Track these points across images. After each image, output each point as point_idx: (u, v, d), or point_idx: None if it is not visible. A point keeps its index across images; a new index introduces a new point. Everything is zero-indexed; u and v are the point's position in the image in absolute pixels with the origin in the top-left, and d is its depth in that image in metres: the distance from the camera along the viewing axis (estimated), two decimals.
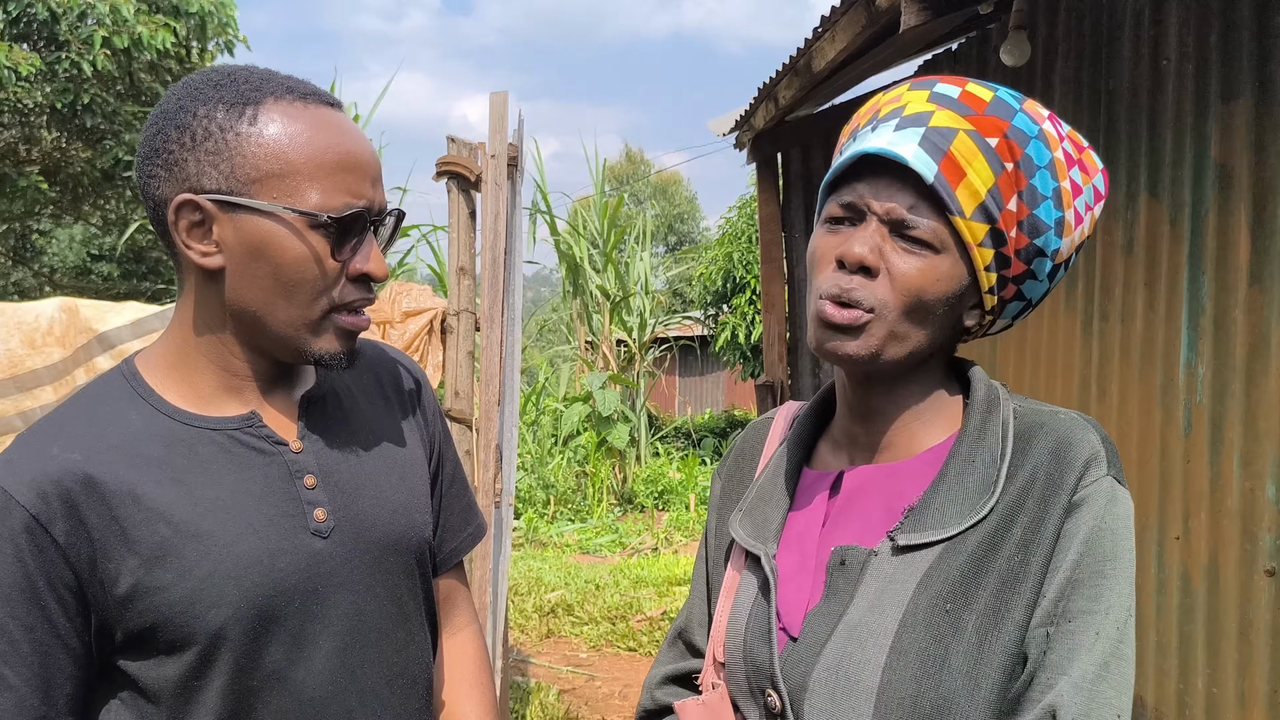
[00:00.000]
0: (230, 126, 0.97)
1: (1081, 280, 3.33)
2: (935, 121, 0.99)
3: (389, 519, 1.12)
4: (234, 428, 1.04)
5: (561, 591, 7.18)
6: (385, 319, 4.87)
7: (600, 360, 12.04)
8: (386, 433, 1.17)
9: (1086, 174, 1.03)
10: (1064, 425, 1.01)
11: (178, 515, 0.98)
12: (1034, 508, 0.97)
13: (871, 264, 0.99)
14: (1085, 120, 3.32)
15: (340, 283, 1.02)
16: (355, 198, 1.00)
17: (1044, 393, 3.53)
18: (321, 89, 1.05)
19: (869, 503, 1.06)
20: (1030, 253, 1.02)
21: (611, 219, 12.24)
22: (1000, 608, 0.95)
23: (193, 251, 1.00)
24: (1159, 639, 2.91)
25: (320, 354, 1.04)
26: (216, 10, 10.13)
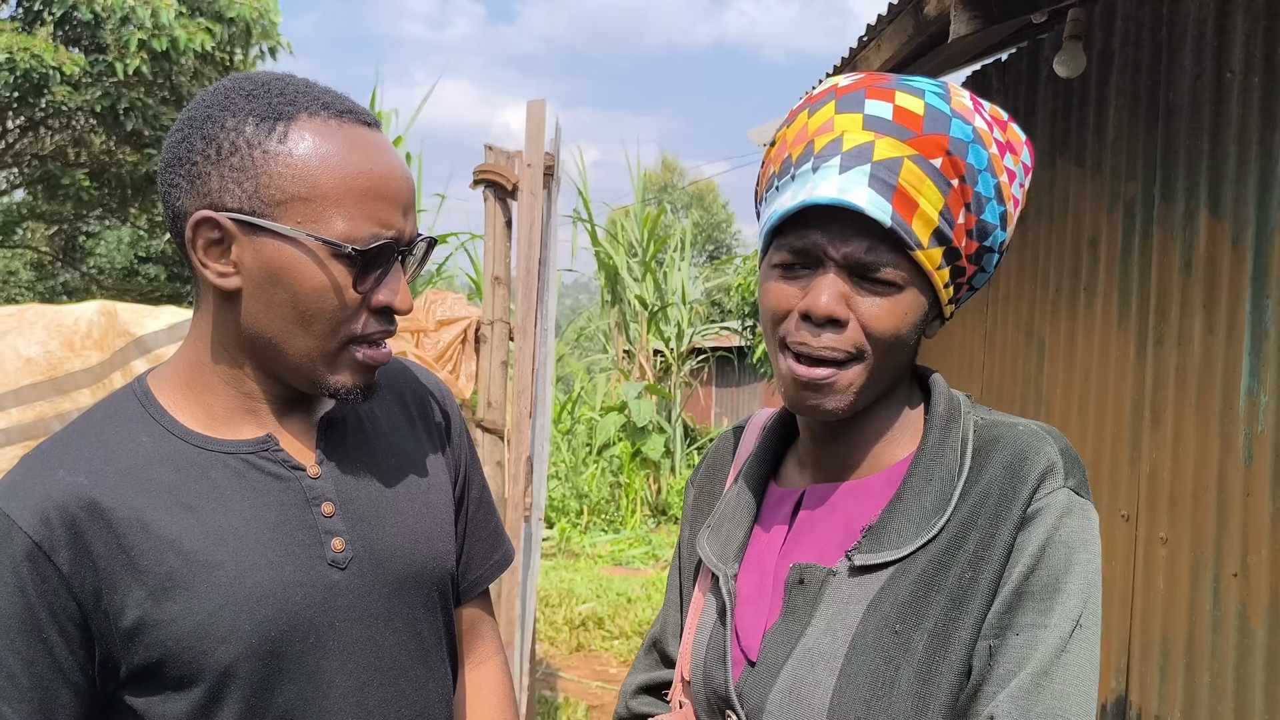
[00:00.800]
0: (259, 143, 0.92)
1: (1136, 301, 3.20)
2: (879, 154, 0.94)
3: (410, 548, 1.07)
4: (249, 451, 1.00)
5: (593, 604, 7.12)
6: (419, 327, 4.84)
7: (636, 370, 11.97)
8: (410, 457, 1.12)
9: (1015, 153, 1.00)
10: (1021, 438, 0.99)
11: (188, 544, 0.93)
12: (986, 523, 0.95)
13: (840, 316, 0.96)
14: (1142, 135, 3.20)
15: (361, 315, 0.98)
16: (384, 228, 0.95)
17: (1094, 418, 3.40)
18: (359, 106, 1.00)
19: (830, 521, 1.04)
20: (980, 253, 1.00)
21: (651, 229, 12.18)
22: (950, 626, 0.93)
23: (209, 270, 0.95)
24: (1213, 680, 2.77)
25: (336, 387, 0.99)
26: (259, 16, 10.21)
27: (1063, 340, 3.62)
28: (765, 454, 1.14)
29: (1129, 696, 3.17)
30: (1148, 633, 3.08)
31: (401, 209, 0.97)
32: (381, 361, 1.01)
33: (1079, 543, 0.93)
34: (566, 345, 17.52)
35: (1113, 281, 3.33)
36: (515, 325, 4.41)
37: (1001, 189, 0.97)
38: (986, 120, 0.98)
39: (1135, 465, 3.16)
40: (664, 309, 12.19)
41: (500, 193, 4.74)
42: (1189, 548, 2.89)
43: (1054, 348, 3.69)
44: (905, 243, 0.94)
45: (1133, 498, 3.17)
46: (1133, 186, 3.24)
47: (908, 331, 0.98)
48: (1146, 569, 3.10)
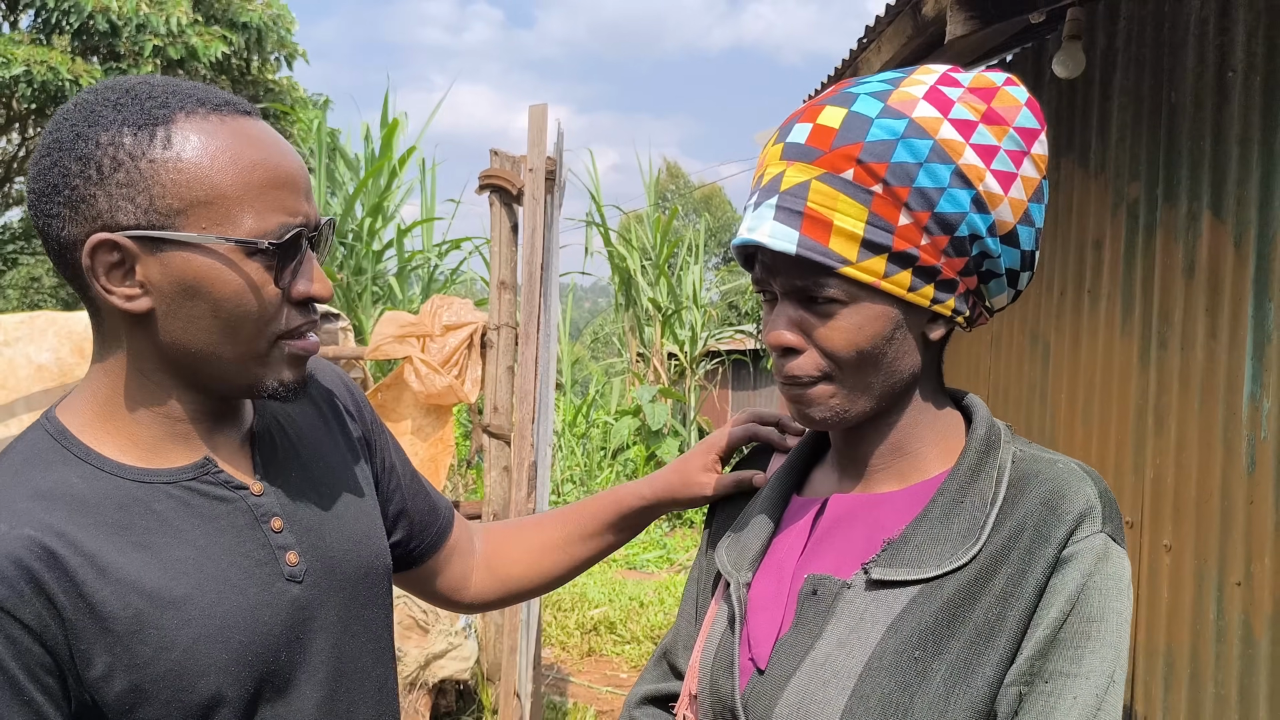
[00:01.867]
0: (142, 153, 0.87)
1: (1139, 304, 3.15)
2: (786, 183, 0.95)
3: (355, 551, 1.07)
4: (189, 477, 0.96)
5: (605, 608, 7.10)
6: (425, 332, 4.85)
7: (651, 373, 11.95)
8: (333, 456, 1.11)
9: (1000, 124, 0.94)
10: (1060, 475, 0.96)
11: (149, 584, 0.90)
12: (1018, 560, 0.92)
13: (791, 344, 0.98)
14: (1145, 135, 3.15)
15: (284, 310, 0.94)
16: (291, 216, 0.92)
17: (1098, 423, 3.35)
18: (234, 96, 0.96)
19: (851, 532, 1.02)
20: (959, 244, 0.95)
21: (663, 232, 12.16)
22: (972, 660, 0.90)
23: (115, 296, 0.90)
24: (1218, 691, 2.72)
25: (273, 387, 0.96)
26: (274, 24, 10.27)
27: (1067, 343, 3.57)
28: (793, 466, 1.14)
29: (1134, 707, 3.12)
30: (1152, 642, 3.03)
31: (303, 194, 0.95)
32: (311, 351, 0.99)
33: (1114, 591, 0.91)
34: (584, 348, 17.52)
35: (1116, 284, 3.28)
36: (519, 329, 4.40)
37: (964, 172, 0.92)
38: (942, 105, 0.93)
39: (1139, 471, 3.11)
40: (678, 312, 12.16)
41: (506, 198, 4.73)
42: (1193, 556, 2.84)
43: (1059, 351, 3.64)
44: (826, 265, 0.93)
45: (1137, 504, 3.12)
46: (1136, 188, 3.20)
47: (873, 344, 0.96)
48: (1151, 577, 3.05)
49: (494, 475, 4.52)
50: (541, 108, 4.35)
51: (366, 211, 9.45)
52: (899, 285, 0.94)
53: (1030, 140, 0.96)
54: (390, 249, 9.88)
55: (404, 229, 9.92)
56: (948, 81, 0.96)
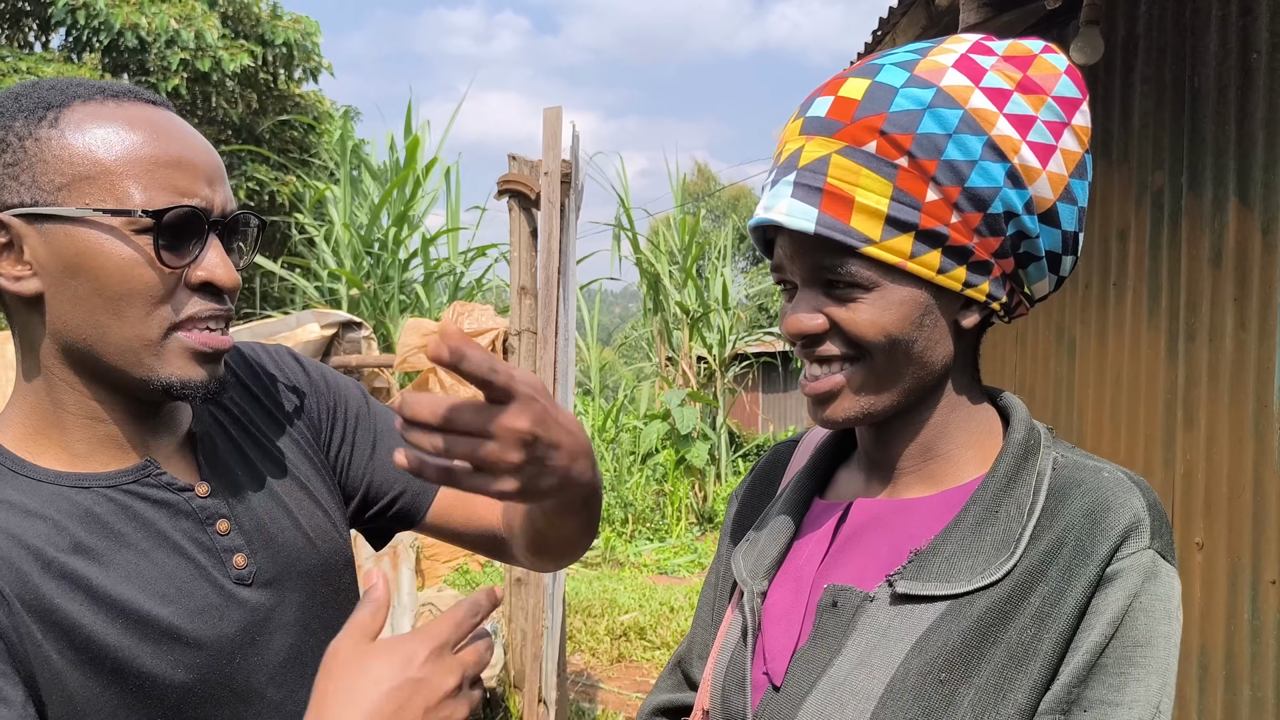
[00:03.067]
0: (29, 133, 0.86)
1: (1165, 296, 3.07)
2: (806, 158, 0.89)
3: (309, 546, 1.03)
4: (130, 481, 0.93)
5: (635, 614, 7.07)
6: None
7: (680, 377, 11.92)
8: (280, 447, 1.07)
9: (1038, 92, 0.87)
10: (1105, 485, 0.87)
11: (92, 590, 0.87)
12: (1057, 576, 0.84)
13: (814, 329, 0.91)
14: (1168, 122, 3.07)
15: (179, 294, 0.90)
16: (182, 195, 0.88)
17: (1126, 419, 3.27)
18: (145, 90, 0.94)
19: (875, 540, 0.95)
20: (993, 223, 0.88)
21: (691, 235, 12.12)
22: (1003, 686, 0.83)
23: (3, 277, 0.87)
24: (1254, 694, 2.64)
25: (170, 382, 0.91)
26: (302, 39, 10.39)
27: (1093, 338, 3.49)
28: (815, 468, 1.06)
29: None
30: (1186, 643, 2.94)
31: (204, 178, 0.90)
32: (218, 346, 0.93)
33: (1163, 614, 0.83)
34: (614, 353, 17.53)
35: (1142, 276, 3.20)
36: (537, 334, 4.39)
37: (998, 143, 0.85)
38: (974, 74, 0.87)
39: (1169, 467, 3.03)
40: (706, 315, 12.11)
41: (524, 202, 4.73)
42: (1225, 553, 2.76)
43: (1084, 346, 3.56)
44: (847, 244, 0.87)
45: (1167, 501, 3.04)
46: (1160, 176, 3.12)
47: (902, 330, 0.89)
48: (1183, 576, 2.96)
49: None
50: (556, 110, 4.33)
51: (392, 221, 9.50)
52: (927, 267, 0.87)
53: (1071, 110, 0.88)
54: (416, 257, 9.93)
55: (429, 237, 9.97)
56: (980, 50, 0.89)
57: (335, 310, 6.06)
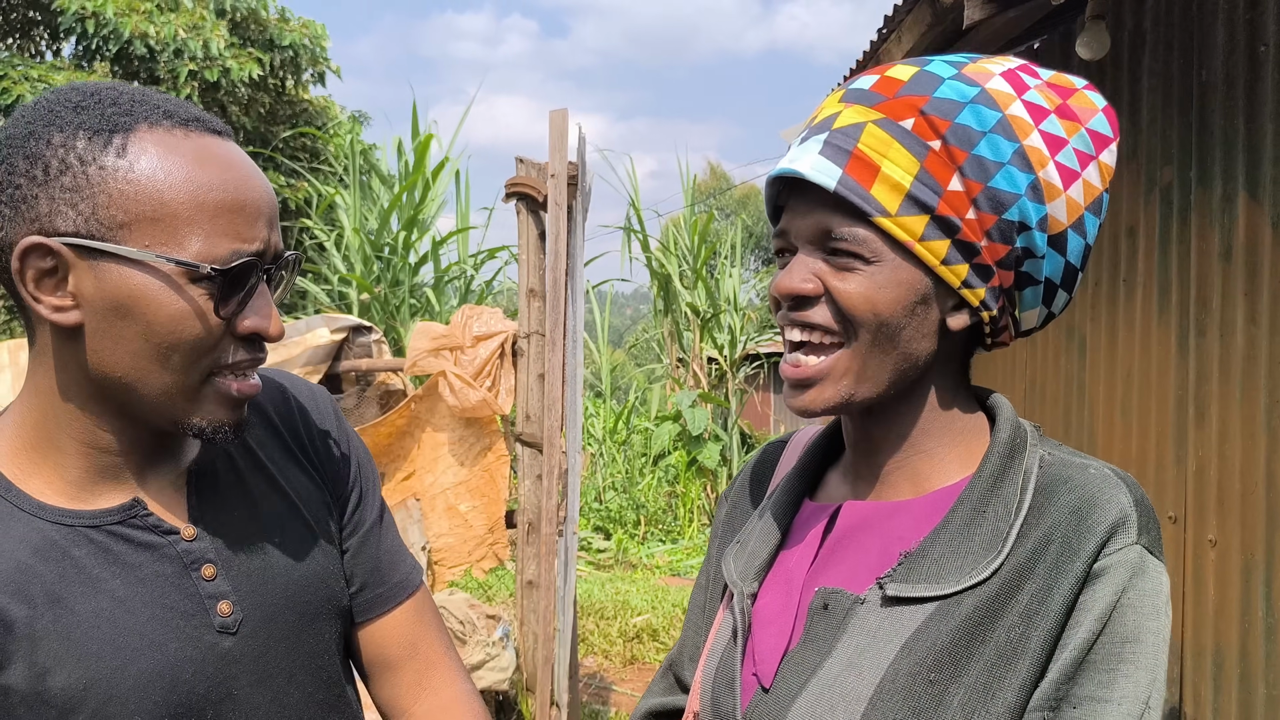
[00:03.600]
0: (93, 159, 0.82)
1: (1176, 291, 3.05)
2: (841, 121, 0.88)
3: (304, 595, 0.99)
4: (114, 521, 0.90)
5: (648, 615, 7.05)
6: (456, 344, 4.85)
7: (691, 378, 11.90)
8: (289, 491, 1.04)
9: (1073, 120, 0.88)
10: (1091, 482, 0.88)
11: (56, 640, 0.84)
12: (1044, 574, 0.85)
13: (803, 290, 0.90)
14: (1176, 117, 3.05)
15: (226, 343, 0.88)
16: (245, 243, 0.86)
17: (1137, 416, 3.25)
18: (206, 114, 0.91)
19: (865, 543, 0.95)
20: (1006, 230, 0.88)
21: (701, 236, 12.11)
22: (992, 685, 0.83)
23: (43, 305, 0.84)
24: (1269, 691, 2.61)
25: (200, 427, 0.89)
26: (310, 43, 10.42)
27: (1103, 336, 3.47)
28: (805, 469, 1.06)
29: (1183, 709, 3.01)
30: (1199, 641, 2.92)
31: (265, 221, 0.88)
32: (250, 394, 0.92)
33: (1151, 610, 0.84)
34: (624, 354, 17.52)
35: (1151, 272, 3.18)
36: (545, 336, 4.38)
37: (1028, 153, 0.86)
38: (1018, 86, 0.88)
39: (1181, 464, 3.01)
40: (716, 316, 12.10)
41: (532, 205, 4.73)
42: (1239, 550, 2.73)
43: (1095, 344, 3.54)
44: (863, 210, 0.87)
45: (1180, 498, 3.02)
46: (1169, 172, 3.10)
47: (893, 312, 0.88)
48: (1196, 573, 2.94)
49: (528, 484, 4.51)
50: (562, 113, 4.33)
51: (402, 225, 9.52)
52: (934, 253, 0.87)
53: (1101, 147, 0.90)
54: (427, 261, 9.95)
55: (439, 240, 9.98)
56: (1027, 70, 0.91)
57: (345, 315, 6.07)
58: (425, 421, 5.00)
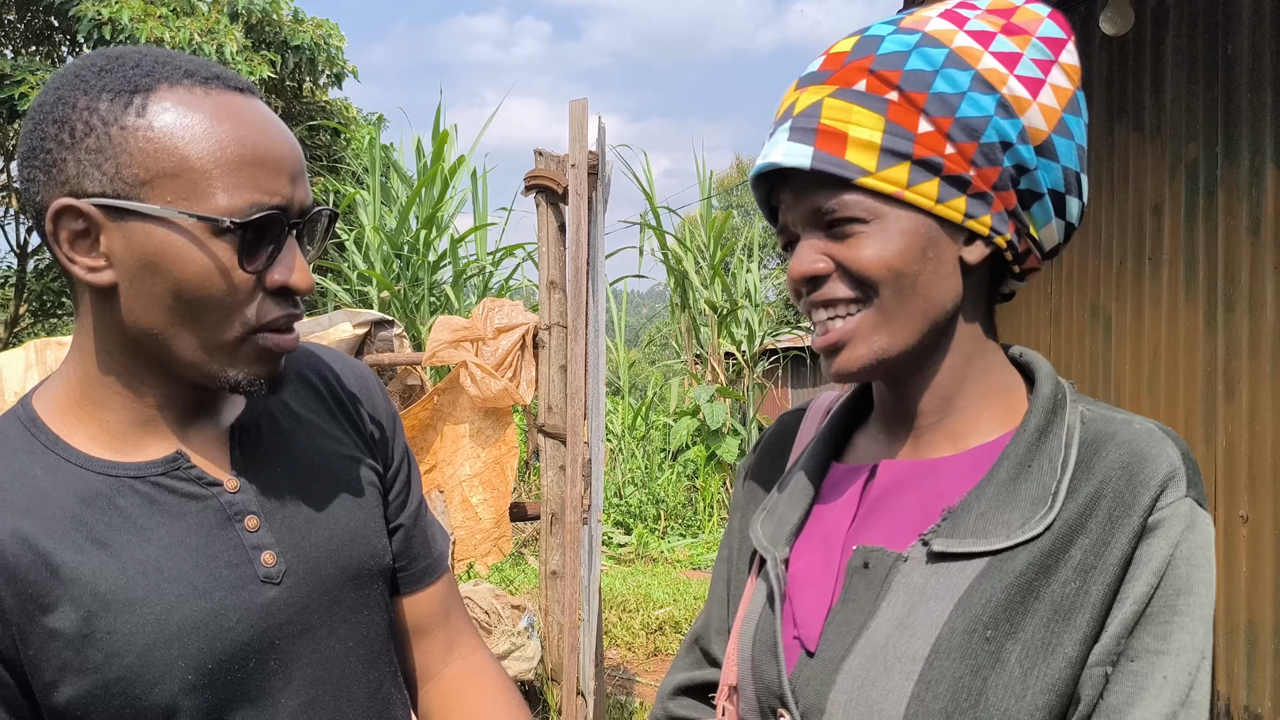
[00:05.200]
0: (115, 119, 0.83)
1: (1203, 268, 3.03)
2: (799, 106, 0.92)
3: (346, 550, 1.00)
4: (158, 473, 0.91)
5: (670, 608, 7.06)
6: (478, 335, 4.87)
7: (709, 374, 11.90)
8: (333, 451, 1.05)
9: (1022, 34, 0.90)
10: (1139, 437, 0.87)
11: (104, 585, 0.85)
12: (1098, 529, 0.84)
13: (813, 271, 0.92)
14: (1201, 92, 3.03)
15: (257, 298, 0.88)
16: (267, 196, 0.86)
17: (1165, 393, 3.23)
18: (230, 72, 0.90)
19: (904, 501, 0.94)
20: (989, 152, 0.89)
21: (718, 233, 12.10)
22: (1050, 640, 0.83)
23: (77, 266, 0.85)
24: None
25: (237, 380, 0.90)
26: (324, 44, 10.46)
27: (1129, 314, 3.46)
28: (831, 433, 1.06)
29: (1216, 687, 2.99)
30: (1232, 618, 2.90)
31: (287, 176, 0.88)
32: (288, 348, 0.92)
33: (1202, 561, 0.84)
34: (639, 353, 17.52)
35: (1178, 249, 3.17)
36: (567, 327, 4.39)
37: (985, 76, 0.87)
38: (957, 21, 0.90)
39: (1211, 441, 2.99)
40: (734, 311, 12.09)
41: (552, 197, 4.74)
42: (1272, 526, 2.72)
43: (1120, 323, 3.53)
44: (844, 177, 0.88)
45: (1210, 475, 3.00)
46: (1194, 148, 3.08)
47: (906, 263, 0.89)
48: (1228, 550, 2.92)
49: (550, 475, 4.52)
50: (581, 103, 4.34)
51: (421, 223, 9.55)
52: (925, 195, 0.88)
53: (1057, 49, 0.90)
54: (446, 259, 9.98)
55: (457, 238, 10.02)
56: (964, 4, 0.92)
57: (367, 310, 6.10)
58: (447, 414, 5.02)
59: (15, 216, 13.24)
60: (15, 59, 10.01)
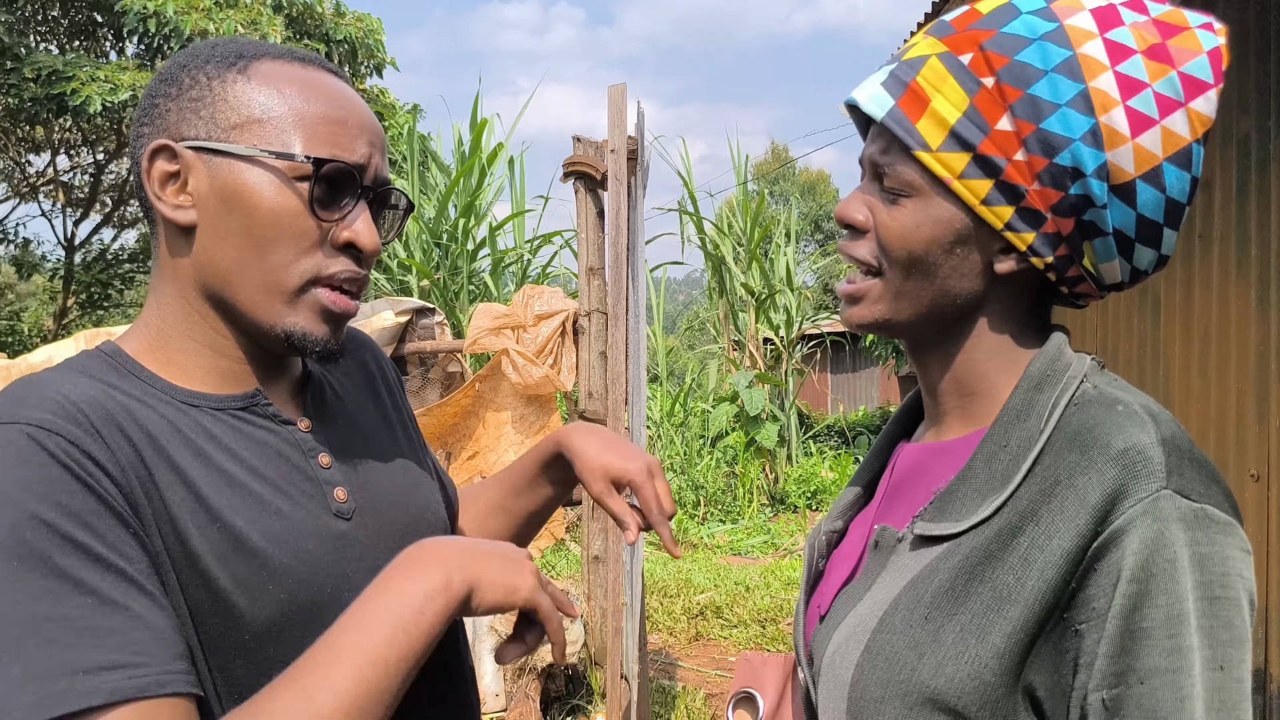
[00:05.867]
0: (217, 75, 0.92)
1: (1255, 245, 2.98)
2: (911, 53, 0.89)
3: (407, 499, 1.06)
4: (239, 407, 0.95)
5: (710, 593, 7.08)
6: (518, 323, 4.90)
7: (747, 359, 11.87)
8: (380, 418, 1.12)
9: (1163, 63, 0.81)
10: (1111, 420, 0.81)
11: (200, 485, 0.87)
12: (1046, 518, 0.80)
13: (857, 222, 0.94)
14: (1253, 65, 2.98)
15: (322, 250, 0.93)
16: (344, 153, 0.93)
17: (1216, 374, 3.18)
18: (327, 61, 0.99)
19: (917, 483, 0.97)
20: (1057, 174, 0.83)
21: (754, 216, 12.05)
22: (985, 626, 0.81)
23: (164, 204, 0.92)
24: None
25: (294, 331, 0.93)
26: (365, 36, 10.54)
27: (1179, 294, 3.40)
28: (905, 411, 1.09)
29: (1268, 669, 2.95)
30: None
31: (366, 140, 0.95)
32: (348, 310, 0.96)
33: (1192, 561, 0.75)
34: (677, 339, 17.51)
35: (1229, 226, 3.11)
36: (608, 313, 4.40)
37: (1092, 96, 0.80)
38: (1110, 21, 0.83)
39: (1263, 421, 2.94)
40: (772, 296, 12.04)
41: (590, 184, 4.75)
42: None
43: (1169, 303, 3.47)
44: (906, 142, 0.87)
45: (1262, 456, 2.95)
46: (1246, 122, 3.02)
47: (926, 249, 0.89)
48: None
49: None
50: (620, 88, 4.34)
51: (460, 212, 9.61)
52: (973, 192, 0.86)
53: (1193, 93, 0.81)
54: (484, 248, 10.04)
55: (495, 226, 10.06)
56: (1132, 5, 0.85)
57: (408, 298, 6.16)
58: (489, 401, 5.05)
59: (63, 210, 13.49)
60: (63, 55, 10.18)
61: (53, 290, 15.69)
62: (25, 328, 14.66)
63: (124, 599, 0.76)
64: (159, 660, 0.76)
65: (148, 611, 0.77)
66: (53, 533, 0.75)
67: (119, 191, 13.53)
